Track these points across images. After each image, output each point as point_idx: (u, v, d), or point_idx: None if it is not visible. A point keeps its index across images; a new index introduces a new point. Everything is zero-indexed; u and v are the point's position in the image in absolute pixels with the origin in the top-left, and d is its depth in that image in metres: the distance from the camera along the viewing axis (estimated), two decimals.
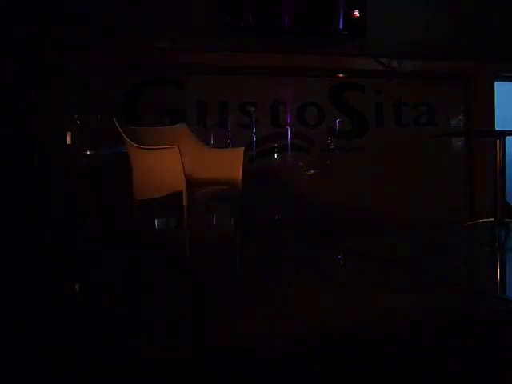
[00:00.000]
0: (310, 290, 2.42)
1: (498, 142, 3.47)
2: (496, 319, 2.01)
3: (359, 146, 4.12)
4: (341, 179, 4.05)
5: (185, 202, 2.38)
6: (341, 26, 4.05)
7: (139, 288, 2.47)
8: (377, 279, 2.57)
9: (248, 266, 2.78)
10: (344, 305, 2.16)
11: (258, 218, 3.75)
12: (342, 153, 4.07)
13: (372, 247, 3.44)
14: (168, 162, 2.36)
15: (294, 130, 3.97)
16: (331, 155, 4.05)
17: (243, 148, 2.75)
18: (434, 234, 3.86)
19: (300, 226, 3.85)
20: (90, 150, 3.51)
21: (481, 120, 4.30)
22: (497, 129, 4.30)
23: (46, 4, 3.35)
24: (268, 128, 3.91)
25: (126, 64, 3.61)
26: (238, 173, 2.68)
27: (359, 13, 4.00)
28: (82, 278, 2.78)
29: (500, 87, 4.50)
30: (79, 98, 3.49)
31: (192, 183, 2.46)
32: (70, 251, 3.28)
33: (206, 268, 2.77)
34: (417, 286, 2.42)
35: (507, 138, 3.71)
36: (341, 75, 4.11)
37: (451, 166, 4.40)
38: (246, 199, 3.52)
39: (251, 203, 3.70)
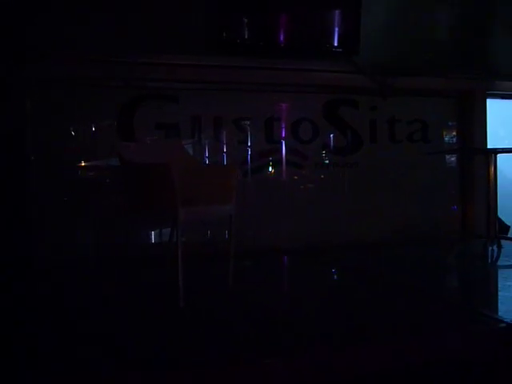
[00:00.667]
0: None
1: (489, 159, 3.50)
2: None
3: (354, 161, 4.14)
4: (335, 194, 4.08)
5: (179, 218, 2.39)
6: (335, 44, 4.10)
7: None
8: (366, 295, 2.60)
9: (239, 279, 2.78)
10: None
11: (251, 232, 3.78)
12: (336, 168, 4.10)
13: (365, 262, 3.47)
14: (160, 178, 2.38)
15: (288, 146, 3.99)
16: (325, 171, 4.08)
17: (237, 164, 2.76)
18: (426, 249, 3.88)
19: (294, 240, 3.88)
20: (82, 162, 3.54)
21: (474, 137, 4.34)
22: (490, 145, 4.33)
23: (42, 17, 3.39)
24: (262, 143, 3.93)
25: (121, 78, 3.64)
26: (231, 189, 2.68)
27: (353, 31, 4.04)
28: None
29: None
30: (75, 109, 3.52)
31: (185, 199, 2.47)
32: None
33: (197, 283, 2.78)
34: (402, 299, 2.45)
35: (501, 155, 3.77)
36: (335, 92, 4.13)
37: (444, 182, 4.43)
38: (239, 214, 3.55)
39: (245, 218, 3.73)
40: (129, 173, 2.64)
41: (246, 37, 3.87)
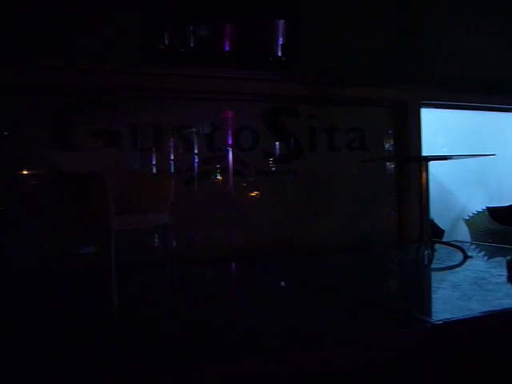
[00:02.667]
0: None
1: (421, 166, 3.64)
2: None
3: (294, 169, 4.20)
4: (275, 201, 4.12)
5: (112, 227, 2.36)
6: (276, 53, 4.16)
7: None
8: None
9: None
10: None
11: (190, 242, 3.78)
12: (276, 175, 4.14)
13: (304, 269, 3.53)
14: (93, 187, 2.34)
15: (229, 154, 4.01)
16: (266, 178, 4.11)
17: (174, 172, 2.75)
18: (364, 255, 3.99)
19: (235, 248, 3.90)
20: (16, 170, 3.44)
21: (409, 145, 4.49)
22: (430, 153, 4.47)
23: None
24: (203, 151, 3.93)
25: (58, 85, 3.56)
26: (168, 197, 2.68)
27: (293, 40, 4.12)
28: None
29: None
30: (8, 118, 3.42)
31: (119, 207, 2.44)
32: None
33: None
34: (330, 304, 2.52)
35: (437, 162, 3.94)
36: (276, 100, 4.19)
37: (383, 189, 4.56)
38: (178, 223, 3.55)
39: (184, 227, 3.73)
40: (61, 182, 2.58)
41: (187, 45, 3.88)
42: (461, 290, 2.67)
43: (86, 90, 3.65)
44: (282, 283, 3.30)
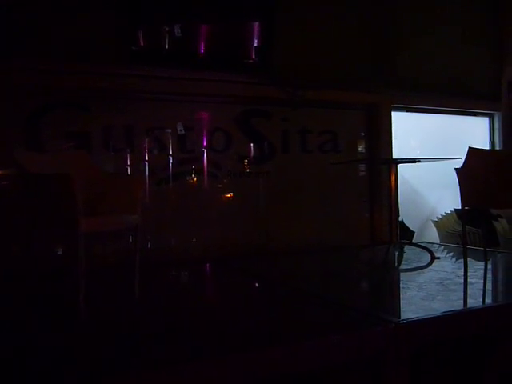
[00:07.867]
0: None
1: (390, 168, 3.71)
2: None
3: (266, 170, 4.23)
4: (248, 203, 4.15)
5: (79, 228, 2.35)
6: (250, 55, 4.18)
7: None
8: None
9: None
10: None
11: (163, 243, 3.77)
12: (249, 177, 4.17)
13: (274, 270, 3.56)
14: (60, 188, 2.33)
15: (202, 155, 4.02)
16: (239, 179, 4.13)
17: (142, 174, 2.74)
18: (335, 256, 4.03)
19: (207, 250, 3.91)
20: None
21: (380, 147, 4.56)
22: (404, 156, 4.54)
23: None
24: (176, 153, 3.93)
25: (30, 86, 3.52)
26: (137, 198, 2.68)
27: (267, 43, 4.15)
28: None
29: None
30: None
31: (88, 209, 2.44)
32: None
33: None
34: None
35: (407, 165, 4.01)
36: (249, 103, 4.21)
37: (355, 190, 4.61)
38: (151, 224, 3.54)
39: (157, 228, 3.73)
40: (28, 183, 2.57)
41: (160, 47, 3.88)
42: (426, 290, 2.73)
43: (58, 91, 3.62)
44: (254, 284, 3.33)
